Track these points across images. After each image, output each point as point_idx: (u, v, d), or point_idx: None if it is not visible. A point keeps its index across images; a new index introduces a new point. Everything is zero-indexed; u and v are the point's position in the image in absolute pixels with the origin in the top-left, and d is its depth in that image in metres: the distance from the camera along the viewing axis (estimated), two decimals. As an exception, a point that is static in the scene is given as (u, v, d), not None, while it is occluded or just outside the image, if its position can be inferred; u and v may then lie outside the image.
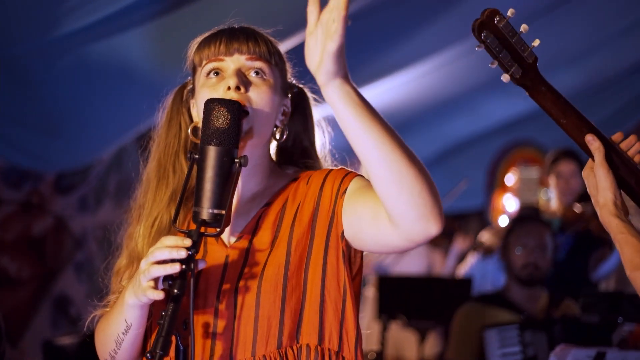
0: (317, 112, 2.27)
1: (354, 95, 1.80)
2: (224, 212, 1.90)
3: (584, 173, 2.19)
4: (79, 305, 5.19)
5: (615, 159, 2.13)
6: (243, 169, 2.04)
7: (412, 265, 5.80)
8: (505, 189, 9.18)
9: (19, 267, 5.01)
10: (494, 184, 9.33)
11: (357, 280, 2.09)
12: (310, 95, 2.24)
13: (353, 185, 2.01)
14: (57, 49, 4.20)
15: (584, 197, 5.79)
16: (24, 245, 5.05)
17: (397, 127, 6.71)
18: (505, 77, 2.11)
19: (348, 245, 2.02)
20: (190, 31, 2.25)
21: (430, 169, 6.26)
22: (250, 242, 2.06)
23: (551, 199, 5.94)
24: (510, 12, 2.11)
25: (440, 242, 5.93)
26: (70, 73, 4.41)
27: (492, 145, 9.38)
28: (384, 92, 7.17)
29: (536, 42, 2.11)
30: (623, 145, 2.17)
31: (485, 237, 5.98)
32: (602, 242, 5.69)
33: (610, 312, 5.27)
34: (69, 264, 5.31)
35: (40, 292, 5.09)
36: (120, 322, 2.00)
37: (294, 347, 1.99)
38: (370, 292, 5.80)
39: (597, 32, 8.02)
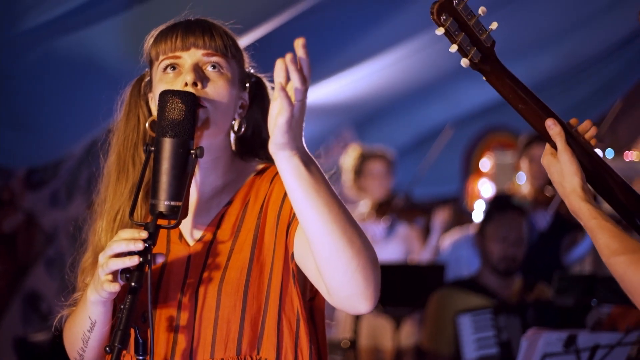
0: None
1: (301, 169, 1.80)
2: (180, 204, 1.91)
3: (544, 160, 2.16)
4: (50, 301, 5.17)
5: (572, 143, 2.12)
6: (203, 163, 2.07)
7: (391, 251, 5.80)
8: (480, 174, 9.19)
9: (-10, 263, 4.99)
10: (469, 170, 9.34)
11: (319, 297, 2.08)
12: (268, 84, 2.23)
13: None
14: (24, 42, 4.16)
15: (554, 180, 5.81)
16: (-6, 242, 5.03)
17: (372, 114, 6.77)
18: (465, 62, 2.09)
19: (298, 267, 2.01)
20: (159, 22, 2.23)
21: (405, 156, 6.31)
22: (212, 241, 2.06)
23: (524, 183, 5.96)
24: None
25: (417, 220, 5.93)
26: (38, 67, 4.38)
27: (467, 131, 9.39)
28: (358, 79, 7.17)
29: (494, 25, 2.10)
30: (579, 130, 2.16)
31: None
32: (574, 226, 5.72)
33: (584, 295, 5.30)
34: (40, 260, 5.28)
35: (11, 288, 5.07)
36: (85, 320, 2.01)
37: (254, 357, 1.99)
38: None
39: (569, 15, 8.04)
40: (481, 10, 2.09)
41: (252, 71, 2.22)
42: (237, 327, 2.00)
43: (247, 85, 2.17)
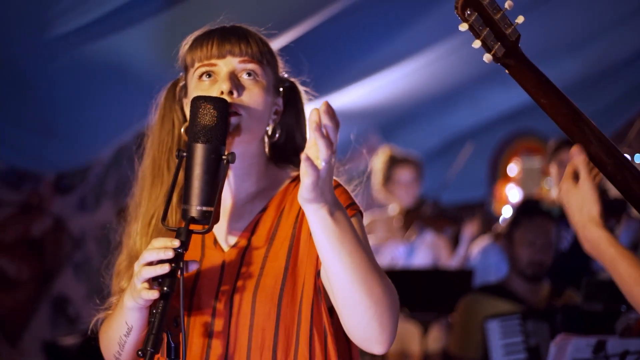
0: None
1: (328, 221, 1.83)
2: (212, 209, 1.92)
3: (563, 185, 2.15)
4: (78, 305, 5.20)
5: (592, 137, 2.11)
6: (237, 169, 2.08)
7: (418, 258, 5.79)
8: (507, 179, 9.15)
9: (18, 268, 5.02)
10: (496, 175, 9.32)
11: None
12: (301, 88, 2.24)
13: None
14: (53, 49, 4.20)
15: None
16: (23, 247, 5.06)
17: (399, 119, 6.75)
18: (487, 58, 2.08)
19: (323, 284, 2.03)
20: (186, 28, 2.24)
21: (432, 161, 6.30)
22: (247, 247, 2.07)
23: (552, 188, 5.93)
24: None
25: (446, 230, 5.92)
26: (67, 73, 4.41)
27: (494, 135, 9.36)
28: (384, 84, 7.17)
29: (520, 19, 2.08)
30: None
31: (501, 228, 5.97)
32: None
33: (613, 300, 5.26)
34: (68, 264, 5.31)
35: (39, 292, 5.10)
36: (122, 325, 2.02)
37: None
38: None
39: (596, 20, 8.00)
40: (507, 4, 2.07)
41: (285, 76, 2.22)
42: (272, 335, 2.01)
43: (281, 90, 2.17)
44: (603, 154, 2.11)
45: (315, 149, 1.76)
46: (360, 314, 1.87)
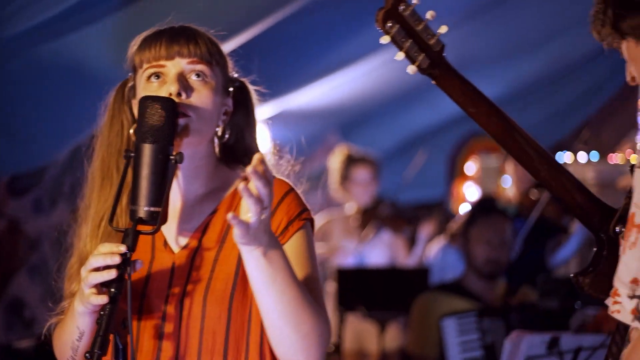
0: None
1: (261, 262, 1.89)
2: (160, 209, 1.91)
3: None
4: (33, 308, 5.15)
5: (528, 148, 2.13)
6: (185, 169, 2.08)
7: (375, 257, 5.80)
8: (465, 178, 9.21)
9: (-28, 271, 4.97)
10: (454, 174, 9.36)
11: None
12: (252, 88, 2.23)
13: (291, 244, 2.04)
14: (7, 49, 4.16)
15: (539, 183, 5.82)
16: (-23, 250, 5.01)
17: (358, 118, 6.76)
18: (412, 69, 2.08)
19: None
20: (144, 27, 2.22)
21: (391, 160, 6.32)
22: (197, 249, 2.07)
23: (509, 186, 5.98)
24: None
25: (404, 230, 5.94)
26: (21, 74, 4.36)
27: (452, 134, 9.40)
28: (342, 84, 7.17)
29: (443, 29, 2.08)
30: None
31: (456, 226, 6.01)
32: (559, 229, 5.74)
33: (568, 298, 5.32)
34: (23, 267, 5.26)
35: (-6, 295, 5.06)
36: (74, 330, 2.01)
37: None
38: (331, 287, 5.81)
39: (555, 19, 8.06)
40: (429, 14, 2.07)
41: (235, 75, 2.21)
42: (223, 339, 2.01)
43: (231, 90, 2.16)
44: (536, 161, 2.13)
45: (245, 204, 1.81)
46: (287, 345, 1.94)
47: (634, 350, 1.90)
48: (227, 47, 2.21)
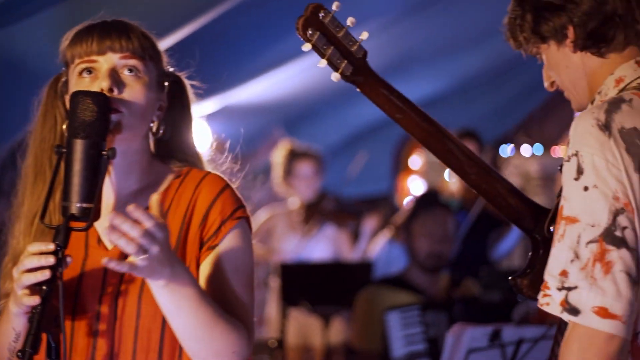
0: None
1: (164, 292, 1.90)
2: (92, 205, 1.88)
3: None
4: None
5: (457, 152, 2.14)
6: (119, 165, 2.05)
7: (319, 252, 5.81)
8: (410, 171, 9.24)
9: None
10: (399, 168, 9.40)
11: None
12: (187, 83, 2.20)
13: (225, 245, 2.03)
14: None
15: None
16: None
17: (302, 113, 6.72)
18: (335, 76, 2.08)
19: None
20: (83, 21, 2.19)
21: (336, 155, 6.30)
22: None
23: (453, 180, 6.02)
24: (335, 6, 2.06)
25: (348, 224, 5.95)
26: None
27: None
28: (287, 78, 7.17)
29: (364, 36, 2.08)
30: None
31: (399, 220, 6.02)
32: (501, 222, 5.79)
33: (511, 290, 5.37)
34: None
35: None
36: (10, 331, 1.98)
37: None
38: (275, 282, 5.80)
39: (497, 14, 8.11)
40: (350, 21, 2.07)
41: (171, 70, 2.18)
42: (158, 337, 2.00)
43: (166, 85, 2.13)
44: (466, 165, 2.14)
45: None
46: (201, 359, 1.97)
47: (565, 345, 1.92)
48: (167, 42, 2.19)
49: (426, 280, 4.54)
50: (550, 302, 1.90)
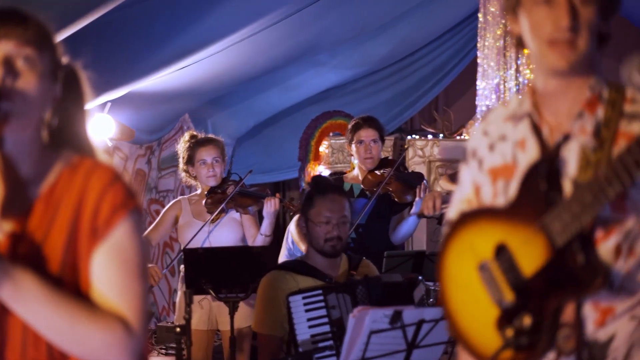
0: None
1: (9, 303, 1.91)
2: None
3: None
4: None
5: None
6: (10, 154, 2.03)
7: (224, 236, 5.83)
8: (319, 159, 9.33)
9: None
10: (307, 155, 9.47)
11: None
12: (83, 74, 2.21)
13: (113, 239, 2.03)
14: None
15: (383, 162, 5.97)
16: None
17: (211, 101, 6.71)
18: None
19: None
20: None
21: (245, 143, 6.28)
22: (22, 235, 2.03)
23: (356, 166, 6.10)
24: None
25: (252, 209, 5.97)
26: None
27: (305, 116, 9.49)
28: (195, 67, 7.16)
29: None
30: None
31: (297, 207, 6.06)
32: (402, 205, 5.89)
33: (413, 272, 5.48)
34: None
35: None
36: None
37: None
38: (180, 268, 5.82)
39: (401, 3, 8.24)
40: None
41: (67, 60, 2.18)
42: None
43: (60, 75, 2.13)
44: None
45: None
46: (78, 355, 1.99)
47: None
48: (68, 31, 2.19)
49: (327, 264, 4.58)
50: None
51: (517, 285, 2.19)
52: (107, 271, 2.01)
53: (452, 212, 2.51)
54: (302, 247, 5.70)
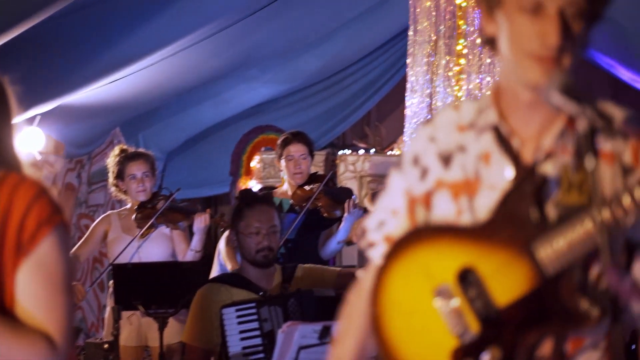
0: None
1: None
2: None
3: None
4: None
5: None
6: None
7: (154, 251, 5.80)
8: (250, 174, 9.34)
9: None
10: (239, 170, 9.47)
11: None
12: (9, 87, 2.18)
13: (38, 253, 2.02)
14: None
15: (312, 177, 6.01)
16: None
17: (140, 116, 6.70)
18: None
19: None
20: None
21: (176, 157, 6.29)
22: None
23: (286, 181, 6.12)
24: None
25: (183, 224, 5.95)
26: None
27: (237, 131, 9.49)
28: (123, 81, 7.13)
29: None
30: None
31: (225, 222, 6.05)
32: (331, 220, 5.93)
33: (343, 288, 5.49)
34: None
35: None
36: None
37: None
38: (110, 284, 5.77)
39: (334, 18, 8.29)
40: None
41: None
42: None
43: None
44: None
45: None
46: None
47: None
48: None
49: (259, 276, 4.60)
50: None
51: (487, 314, 1.96)
52: (32, 286, 2.00)
53: (374, 221, 2.27)
54: (229, 266, 5.72)
